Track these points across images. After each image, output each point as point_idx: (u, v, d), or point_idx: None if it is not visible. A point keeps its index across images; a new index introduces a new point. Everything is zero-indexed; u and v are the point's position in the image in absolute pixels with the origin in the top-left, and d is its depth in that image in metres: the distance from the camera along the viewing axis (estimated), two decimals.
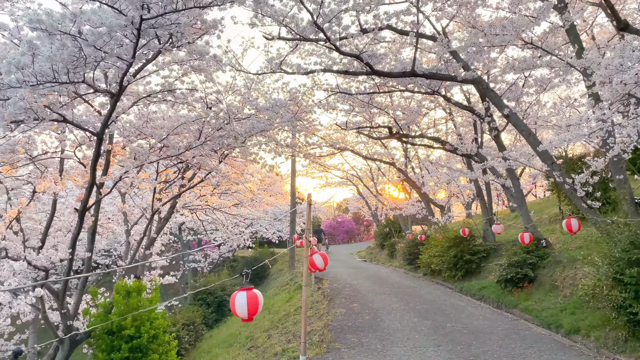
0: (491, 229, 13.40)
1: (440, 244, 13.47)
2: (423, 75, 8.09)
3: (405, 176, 16.96)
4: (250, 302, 3.59)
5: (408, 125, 12.83)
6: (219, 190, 13.74)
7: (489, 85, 7.78)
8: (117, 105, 7.00)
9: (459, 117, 13.69)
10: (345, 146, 16.72)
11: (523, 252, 10.08)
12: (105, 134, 6.81)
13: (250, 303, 3.58)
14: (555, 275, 9.20)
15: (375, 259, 22.79)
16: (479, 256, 12.51)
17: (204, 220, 16.17)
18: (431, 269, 14.15)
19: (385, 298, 10.20)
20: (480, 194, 13.58)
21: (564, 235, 11.46)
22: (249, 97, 10.29)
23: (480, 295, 10.59)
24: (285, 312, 10.96)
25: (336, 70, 8.52)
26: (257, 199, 16.42)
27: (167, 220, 11.78)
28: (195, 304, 16.97)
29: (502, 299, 9.63)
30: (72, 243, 8.31)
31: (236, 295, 3.70)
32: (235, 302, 3.66)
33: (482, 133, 12.30)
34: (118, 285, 8.64)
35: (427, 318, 7.94)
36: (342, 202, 41.66)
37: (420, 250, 15.22)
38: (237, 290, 3.73)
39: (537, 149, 7.53)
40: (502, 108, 7.63)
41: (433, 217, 16.72)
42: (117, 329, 7.98)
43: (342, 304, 9.65)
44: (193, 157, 8.94)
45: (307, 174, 25.90)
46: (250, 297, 3.62)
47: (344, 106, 12.55)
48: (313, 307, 10.12)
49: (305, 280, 5.58)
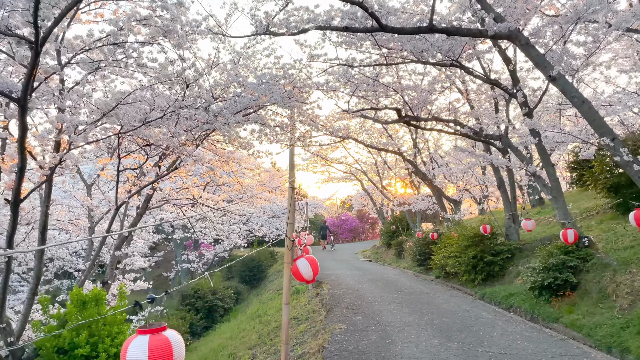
0: (515, 226, 11.68)
1: (456, 243, 11.77)
2: (443, 31, 6.38)
3: (415, 168, 15.25)
4: None
5: (419, 106, 11.11)
6: (203, 182, 12.08)
7: (528, 40, 6.06)
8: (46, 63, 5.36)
9: (475, 95, 11.95)
10: (348, 134, 15.02)
11: (561, 253, 8.37)
12: (28, 100, 5.15)
13: None
14: (604, 281, 7.48)
15: (381, 259, 21.08)
16: (502, 257, 10.81)
17: (190, 217, 14.57)
18: (445, 272, 12.45)
19: (395, 308, 8.50)
20: (502, 185, 11.85)
21: (605, 232, 9.74)
22: (236, 74, 8.65)
23: (508, 304, 8.89)
24: (276, 323, 9.30)
25: (334, 27, 6.83)
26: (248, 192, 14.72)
27: (141, 216, 10.12)
28: (183, 309, 15.33)
29: (537, 310, 7.92)
30: (7, 242, 6.70)
31: None
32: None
33: (507, 113, 10.56)
34: (72, 294, 7.12)
35: (451, 338, 6.24)
36: (346, 199, 39.93)
37: (433, 250, 13.52)
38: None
39: (592, 120, 5.81)
40: (548, 69, 5.92)
41: (446, 213, 15.01)
42: (70, 346, 6.54)
43: (343, 317, 7.97)
44: (160, 140, 7.30)
45: (308, 168, 24.26)
46: None
47: (345, 90, 10.87)
48: (308, 319, 8.45)
49: (285, 296, 3.92)
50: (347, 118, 14.59)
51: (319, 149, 21.38)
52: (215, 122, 7.48)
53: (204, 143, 9.97)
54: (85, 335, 6.34)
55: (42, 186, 7.04)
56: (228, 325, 13.04)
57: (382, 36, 8.20)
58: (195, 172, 11.92)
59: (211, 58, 8.34)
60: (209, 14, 7.88)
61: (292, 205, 3.85)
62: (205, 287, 16.00)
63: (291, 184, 3.95)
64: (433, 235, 14.35)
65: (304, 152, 22.22)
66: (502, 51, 8.85)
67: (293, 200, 3.96)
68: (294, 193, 3.96)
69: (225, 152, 10.12)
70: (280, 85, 8.69)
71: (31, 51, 4.80)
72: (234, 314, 16.01)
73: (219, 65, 8.68)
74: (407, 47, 8.07)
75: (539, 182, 9.27)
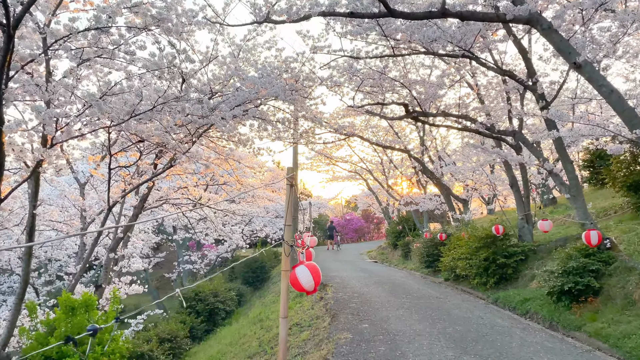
0: (528, 227, 11.14)
1: (466, 244, 11.24)
2: (456, 15, 5.87)
3: (422, 166, 14.73)
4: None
5: (428, 102, 10.60)
6: (204, 182, 11.63)
7: (551, 24, 5.54)
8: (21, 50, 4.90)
9: (485, 91, 11.42)
10: (353, 131, 14.52)
11: (581, 255, 7.84)
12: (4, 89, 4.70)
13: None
14: (630, 286, 6.95)
15: (387, 260, 20.56)
16: (515, 259, 10.27)
17: (190, 217, 14.11)
18: (455, 274, 11.92)
19: (404, 314, 7.99)
20: (515, 184, 11.31)
21: (625, 233, 9.19)
22: (236, 67, 8.18)
23: (524, 310, 8.36)
24: (278, 329, 8.82)
25: (338, 14, 6.34)
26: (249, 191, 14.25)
27: (136, 216, 9.68)
28: (184, 312, 14.88)
29: (556, 317, 7.39)
30: None
31: None
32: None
33: (522, 107, 10.00)
34: (61, 300, 6.68)
35: (467, 350, 5.72)
36: (351, 199, 39.38)
37: (441, 252, 12.99)
38: None
39: (622, 111, 5.29)
40: (572, 55, 5.39)
41: (455, 213, 14.48)
42: (58, 355, 6.10)
43: (349, 324, 7.47)
44: (153, 137, 6.84)
45: (312, 167, 23.78)
46: None
47: (350, 85, 10.37)
48: (311, 326, 7.96)
49: (283, 309, 3.46)
50: (352, 115, 14.11)
51: (323, 147, 20.92)
52: (211, 116, 7.01)
53: (202, 140, 9.54)
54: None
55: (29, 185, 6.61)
56: (229, 329, 12.58)
57: (389, 25, 7.71)
58: (195, 171, 11.49)
59: (209, 51, 7.88)
60: (206, 3, 7.43)
61: (290, 204, 3.37)
62: (206, 290, 15.55)
63: (290, 180, 3.46)
64: (442, 236, 13.83)
65: (308, 150, 21.77)
66: (517, 41, 8.33)
67: (293, 199, 3.47)
68: (293, 192, 3.48)
69: (224, 150, 9.65)
70: (282, 79, 8.23)
71: (3, 34, 4.35)
72: (236, 317, 15.56)
73: (217, 58, 8.22)
74: (416, 36, 7.57)
75: (556, 180, 8.74)
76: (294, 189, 3.40)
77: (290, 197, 3.38)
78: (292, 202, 3.41)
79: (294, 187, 3.41)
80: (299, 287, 3.34)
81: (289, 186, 3.51)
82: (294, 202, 3.16)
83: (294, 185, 3.70)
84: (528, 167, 10.58)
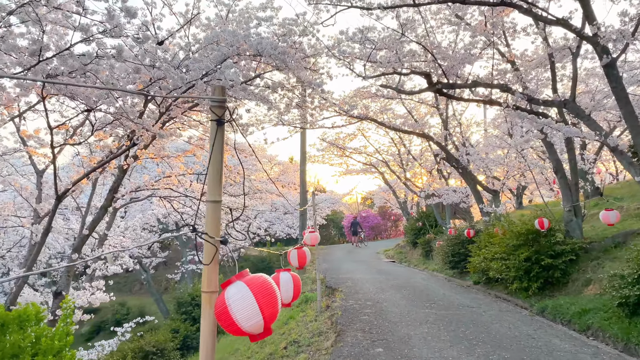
0: (577, 220, 9.24)
1: (502, 242, 9.41)
2: None
3: (446, 153, 12.89)
4: None
5: (455, 70, 8.77)
6: (191, 169, 10.02)
7: None
8: None
9: (521, 61, 9.54)
10: (367, 114, 12.76)
11: None
12: None
13: None
14: None
15: (405, 259, 18.72)
16: (564, 260, 8.42)
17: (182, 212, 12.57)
18: (487, 277, 10.09)
19: (430, 332, 6.22)
20: (561, 169, 9.42)
21: None
22: (223, 30, 6.50)
23: (584, 324, 6.52)
24: (274, 346, 7.15)
25: None
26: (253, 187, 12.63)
27: (105, 209, 8.10)
28: (178, 318, 13.33)
29: (635, 337, 5.55)
30: None
31: None
32: None
33: (574, 71, 8.09)
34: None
35: None
36: (367, 195, 37.49)
37: (470, 251, 11.15)
38: None
39: None
40: None
41: (484, 206, 12.62)
42: None
43: (357, 346, 5.73)
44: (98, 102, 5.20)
45: (323, 159, 22.09)
46: None
47: (361, 60, 8.61)
48: (311, 345, 6.26)
49: None
50: (365, 96, 12.35)
51: (335, 138, 19.22)
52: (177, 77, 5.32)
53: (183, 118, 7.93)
54: None
55: None
56: (224, 341, 10.96)
57: None
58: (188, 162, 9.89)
59: (189, 9, 6.25)
60: None
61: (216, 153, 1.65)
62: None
63: (215, 110, 1.76)
64: (469, 233, 11.98)
65: (319, 142, 20.10)
66: None
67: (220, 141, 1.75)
68: (221, 131, 1.77)
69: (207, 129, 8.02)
70: (273, 36, 6.53)
71: None
72: None
73: (199, 17, 6.57)
74: None
75: (622, 160, 6.86)
76: (222, 127, 1.70)
77: (215, 138, 1.68)
78: (219, 147, 1.70)
79: (222, 125, 1.70)
80: (233, 327, 1.65)
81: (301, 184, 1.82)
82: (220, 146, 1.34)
83: (305, 180, 2.09)
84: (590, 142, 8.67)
